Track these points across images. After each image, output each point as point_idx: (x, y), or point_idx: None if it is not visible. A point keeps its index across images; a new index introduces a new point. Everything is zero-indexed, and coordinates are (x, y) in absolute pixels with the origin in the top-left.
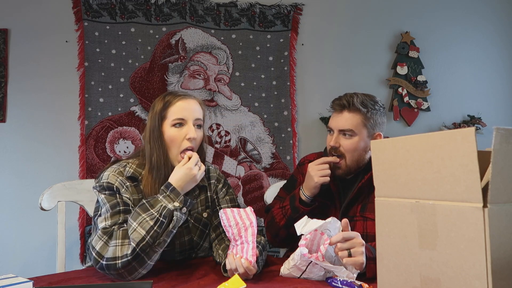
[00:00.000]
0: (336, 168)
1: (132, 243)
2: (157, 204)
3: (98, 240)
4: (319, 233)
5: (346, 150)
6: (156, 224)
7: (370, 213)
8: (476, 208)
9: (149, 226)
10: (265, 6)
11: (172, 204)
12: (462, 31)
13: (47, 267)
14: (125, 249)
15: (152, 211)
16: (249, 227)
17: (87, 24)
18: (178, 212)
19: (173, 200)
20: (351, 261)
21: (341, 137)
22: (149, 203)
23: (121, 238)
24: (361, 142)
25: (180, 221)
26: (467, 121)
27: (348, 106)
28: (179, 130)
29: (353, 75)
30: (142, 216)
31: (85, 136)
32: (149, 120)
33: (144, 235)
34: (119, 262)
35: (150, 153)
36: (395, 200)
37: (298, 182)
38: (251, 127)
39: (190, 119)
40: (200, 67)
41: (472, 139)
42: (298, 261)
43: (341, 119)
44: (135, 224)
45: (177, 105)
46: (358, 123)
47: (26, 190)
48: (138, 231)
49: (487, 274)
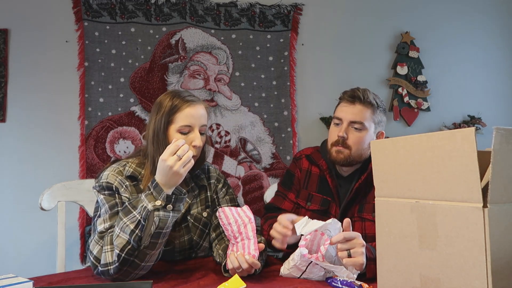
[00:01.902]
0: (339, 153)
1: (116, 250)
2: (138, 204)
3: (95, 244)
4: (319, 233)
5: (353, 143)
6: (137, 227)
7: (368, 214)
8: (476, 208)
9: (130, 230)
10: (265, 6)
11: (153, 204)
12: (462, 31)
13: (47, 267)
14: (113, 255)
15: (134, 213)
16: (248, 223)
17: (87, 24)
18: (161, 211)
19: (155, 199)
20: (351, 262)
21: (350, 129)
22: (131, 204)
23: (109, 244)
24: (367, 137)
25: (166, 220)
26: (467, 121)
27: (362, 99)
28: (185, 137)
29: (353, 75)
30: (123, 221)
31: (85, 136)
32: (154, 120)
33: (128, 240)
34: (111, 269)
35: (153, 154)
36: (395, 200)
37: (295, 178)
38: (251, 127)
39: (197, 126)
40: (200, 67)
41: (472, 139)
42: (298, 261)
43: (353, 110)
44: (117, 229)
45: (185, 112)
46: (368, 117)
47: (26, 190)
48: (121, 236)
49: (487, 274)
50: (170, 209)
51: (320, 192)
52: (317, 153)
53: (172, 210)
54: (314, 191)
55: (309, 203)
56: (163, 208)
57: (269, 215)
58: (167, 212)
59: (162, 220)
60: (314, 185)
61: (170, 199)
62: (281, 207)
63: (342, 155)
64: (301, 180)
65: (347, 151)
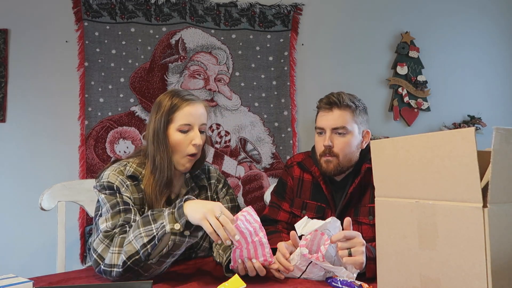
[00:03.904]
0: (328, 163)
1: (123, 256)
2: (159, 220)
3: (100, 243)
4: (319, 233)
5: (340, 149)
6: (150, 243)
7: (364, 217)
8: (476, 208)
9: (142, 243)
10: (265, 6)
11: (171, 226)
12: (462, 31)
13: (47, 267)
14: (120, 259)
15: (152, 226)
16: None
17: (87, 24)
18: (177, 236)
19: (175, 221)
20: (351, 261)
21: (334, 136)
22: (152, 216)
23: (118, 246)
24: (353, 140)
25: (180, 244)
26: (467, 121)
27: (339, 104)
28: (185, 136)
29: (353, 75)
30: (139, 230)
31: (85, 136)
32: (153, 120)
33: (137, 250)
34: (114, 271)
35: (153, 154)
36: (395, 200)
37: (288, 187)
38: (251, 127)
39: (196, 124)
40: (200, 67)
41: (472, 139)
42: (298, 261)
43: (333, 116)
44: (132, 236)
45: (185, 110)
46: (349, 120)
47: (26, 190)
48: (132, 244)
49: (487, 274)
50: (187, 235)
51: (314, 199)
52: (308, 159)
53: (189, 235)
54: (307, 198)
55: (304, 211)
56: (181, 233)
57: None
58: (183, 237)
59: (176, 244)
60: (308, 193)
61: (190, 226)
62: (277, 219)
63: (332, 165)
64: (294, 189)
65: (335, 159)
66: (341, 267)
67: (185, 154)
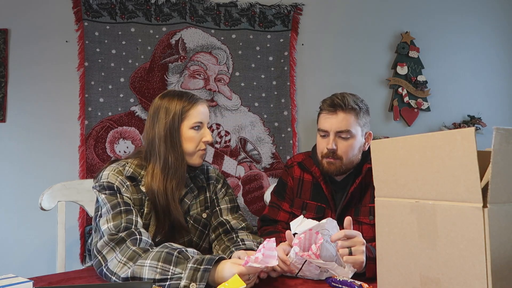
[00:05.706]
0: (331, 164)
1: (129, 272)
2: (179, 267)
3: (105, 245)
4: (314, 232)
5: (343, 152)
6: (159, 282)
7: (365, 217)
8: (476, 208)
9: (153, 277)
10: (265, 6)
11: (187, 282)
12: (462, 32)
13: (47, 267)
14: (123, 270)
15: (170, 268)
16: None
17: (87, 24)
18: None
19: (193, 280)
20: (351, 260)
21: (338, 139)
22: (177, 259)
23: (127, 258)
24: (356, 143)
25: None
26: (467, 121)
27: (344, 106)
28: (197, 132)
29: (353, 75)
30: (157, 263)
31: (85, 136)
32: (164, 120)
33: (143, 278)
34: (113, 279)
35: (165, 153)
36: (395, 200)
37: (288, 187)
38: (251, 127)
39: (205, 122)
40: (200, 67)
41: (472, 139)
42: (293, 259)
43: (337, 119)
44: (148, 262)
45: (197, 109)
46: (354, 123)
47: (26, 190)
48: (143, 270)
49: (487, 274)
50: None
51: (314, 200)
52: (309, 159)
53: None
54: (308, 199)
55: (304, 211)
56: None
57: (265, 228)
58: None
59: None
60: (308, 193)
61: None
62: (277, 219)
63: (334, 166)
64: (294, 189)
65: (338, 161)
66: (332, 262)
67: (198, 149)
